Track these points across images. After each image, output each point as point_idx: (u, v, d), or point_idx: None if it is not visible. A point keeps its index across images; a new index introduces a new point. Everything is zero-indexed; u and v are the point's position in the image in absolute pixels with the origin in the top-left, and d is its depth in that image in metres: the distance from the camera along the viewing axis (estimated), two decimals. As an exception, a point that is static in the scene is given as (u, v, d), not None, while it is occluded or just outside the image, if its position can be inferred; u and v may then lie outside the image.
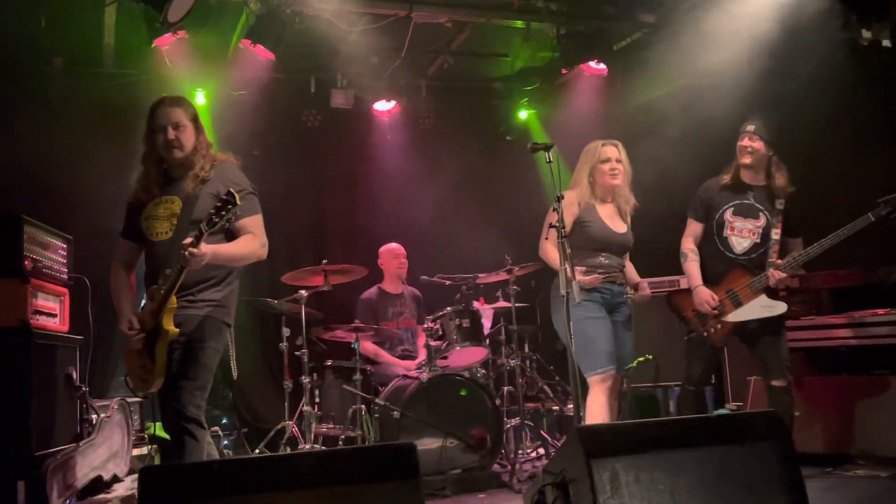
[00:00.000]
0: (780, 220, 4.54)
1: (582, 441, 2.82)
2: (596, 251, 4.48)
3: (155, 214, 3.64)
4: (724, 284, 4.60)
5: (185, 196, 3.61)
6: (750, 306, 4.53)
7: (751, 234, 4.60)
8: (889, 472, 4.65)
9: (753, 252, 4.59)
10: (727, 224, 4.64)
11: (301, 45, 6.31)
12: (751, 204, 4.62)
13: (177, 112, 3.66)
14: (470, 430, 5.29)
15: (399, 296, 6.49)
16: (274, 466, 2.73)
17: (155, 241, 3.62)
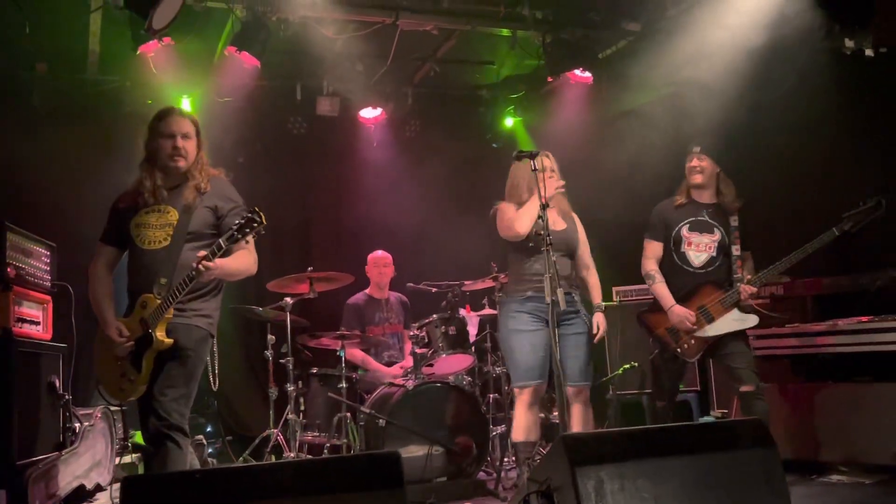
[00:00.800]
0: (738, 237, 4.67)
1: (567, 449, 2.82)
2: (532, 257, 4.48)
3: (147, 222, 3.65)
4: (694, 301, 4.68)
5: (182, 207, 3.63)
6: (722, 321, 4.63)
7: (707, 249, 4.72)
8: (873, 479, 4.67)
9: (710, 265, 4.72)
10: (684, 240, 4.76)
11: (287, 52, 6.30)
12: (705, 220, 4.75)
13: (186, 122, 3.72)
14: (455, 437, 5.29)
15: (385, 301, 6.49)
16: (258, 476, 2.72)
17: (146, 248, 3.63)
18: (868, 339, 4.84)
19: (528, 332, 4.42)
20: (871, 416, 4.77)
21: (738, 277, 4.62)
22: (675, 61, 5.89)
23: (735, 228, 4.68)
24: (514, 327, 4.45)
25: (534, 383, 4.42)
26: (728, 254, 4.69)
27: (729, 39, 5.53)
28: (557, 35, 6.32)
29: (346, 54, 6.34)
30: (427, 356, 5.47)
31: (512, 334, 4.45)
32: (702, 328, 4.64)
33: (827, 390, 5.10)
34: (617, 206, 6.43)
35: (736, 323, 4.61)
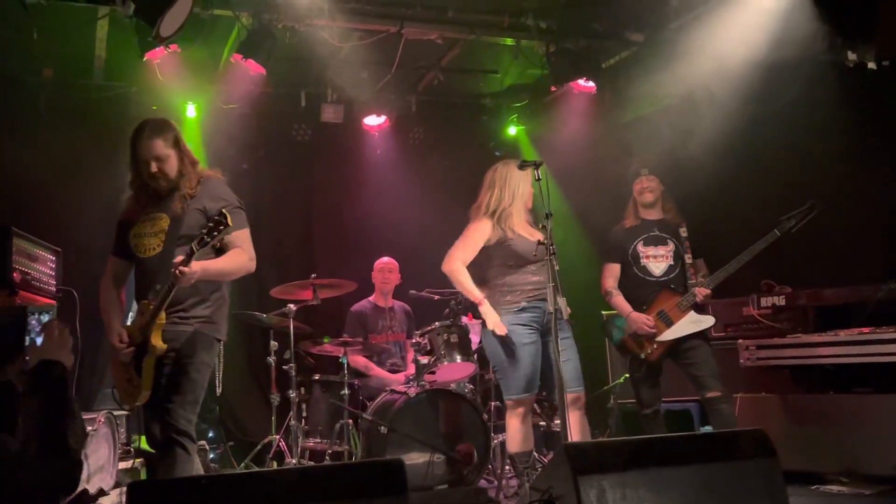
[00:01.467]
0: (689, 245, 4.98)
1: (569, 458, 2.83)
2: (521, 268, 4.52)
3: (143, 232, 3.72)
4: (653, 307, 4.95)
5: (172, 213, 3.68)
6: (680, 324, 4.87)
7: (665, 259, 5.03)
8: (872, 490, 4.67)
9: (671, 273, 5.01)
10: (641, 255, 5.05)
11: (292, 59, 6.33)
12: (657, 234, 5.06)
13: (157, 145, 3.68)
14: (457, 445, 5.29)
15: (389, 309, 6.50)
16: (261, 482, 2.73)
17: (143, 257, 3.70)
18: (869, 349, 4.85)
19: (525, 344, 4.44)
20: (871, 428, 4.78)
21: (693, 283, 4.90)
22: (677, 72, 5.91)
23: (685, 238, 4.98)
24: (510, 341, 4.45)
25: (529, 395, 4.47)
26: (682, 261, 4.98)
27: (732, 51, 5.55)
28: (561, 45, 6.35)
29: (351, 62, 6.37)
30: (429, 364, 5.48)
31: (508, 348, 4.46)
32: (662, 332, 4.89)
33: (828, 401, 5.11)
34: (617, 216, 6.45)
35: (693, 325, 4.85)
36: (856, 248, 5.57)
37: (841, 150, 5.53)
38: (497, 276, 4.62)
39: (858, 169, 5.54)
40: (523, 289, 4.50)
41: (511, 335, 4.46)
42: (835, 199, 5.50)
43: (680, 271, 4.99)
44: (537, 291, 4.46)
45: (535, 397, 4.67)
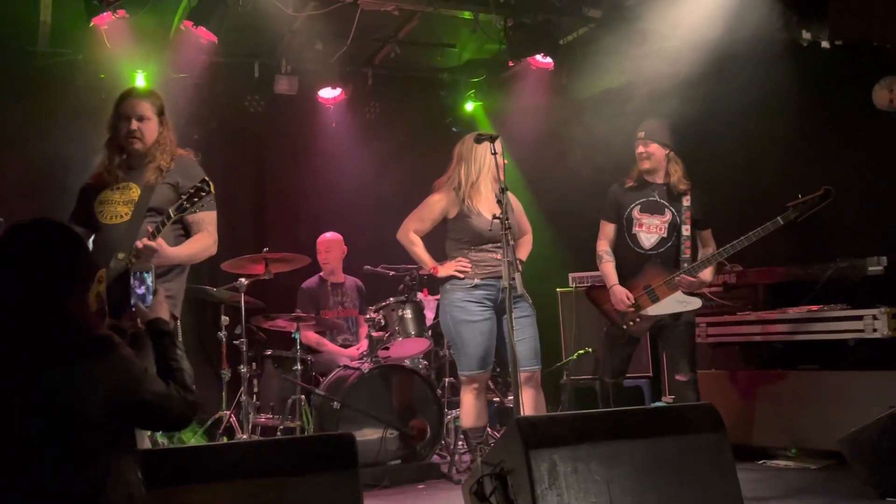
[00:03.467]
0: (689, 217, 4.69)
1: (521, 432, 2.83)
2: (478, 244, 4.49)
3: (110, 199, 3.66)
4: (641, 280, 4.71)
5: (143, 184, 3.64)
6: (666, 301, 4.65)
7: (658, 230, 4.73)
8: (819, 465, 4.78)
9: (661, 246, 4.72)
10: (635, 221, 4.76)
11: (245, 28, 6.19)
12: (655, 200, 4.76)
13: (143, 105, 3.71)
14: (410, 421, 5.29)
15: (339, 284, 6.45)
16: (211, 456, 2.70)
17: (106, 223, 3.62)
18: (816, 327, 4.95)
19: (475, 321, 4.43)
20: (817, 404, 4.87)
21: (686, 258, 4.67)
22: (634, 49, 5.91)
23: (686, 209, 4.70)
24: (461, 317, 4.44)
25: (483, 372, 4.47)
26: (679, 234, 4.71)
27: (688, 28, 5.56)
28: (519, 19, 6.30)
29: (306, 33, 6.25)
30: (383, 339, 5.45)
31: (460, 325, 4.45)
32: (646, 307, 4.69)
33: (776, 377, 5.20)
34: (575, 193, 6.46)
35: (679, 305, 4.65)
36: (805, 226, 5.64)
37: (793, 129, 5.59)
38: (453, 250, 4.59)
39: (810, 148, 5.60)
40: (478, 266, 4.48)
41: (463, 312, 4.44)
42: (785, 178, 5.57)
43: (673, 244, 4.71)
44: (492, 269, 4.44)
45: (490, 374, 4.66)
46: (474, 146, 4.48)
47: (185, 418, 2.32)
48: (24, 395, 2.04)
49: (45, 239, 2.24)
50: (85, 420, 2.06)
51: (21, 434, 2.04)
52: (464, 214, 4.50)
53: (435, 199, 4.61)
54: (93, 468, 2.07)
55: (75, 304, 2.20)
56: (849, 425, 4.08)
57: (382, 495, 4.75)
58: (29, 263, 2.18)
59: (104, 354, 2.12)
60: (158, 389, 2.21)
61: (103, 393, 2.08)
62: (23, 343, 2.10)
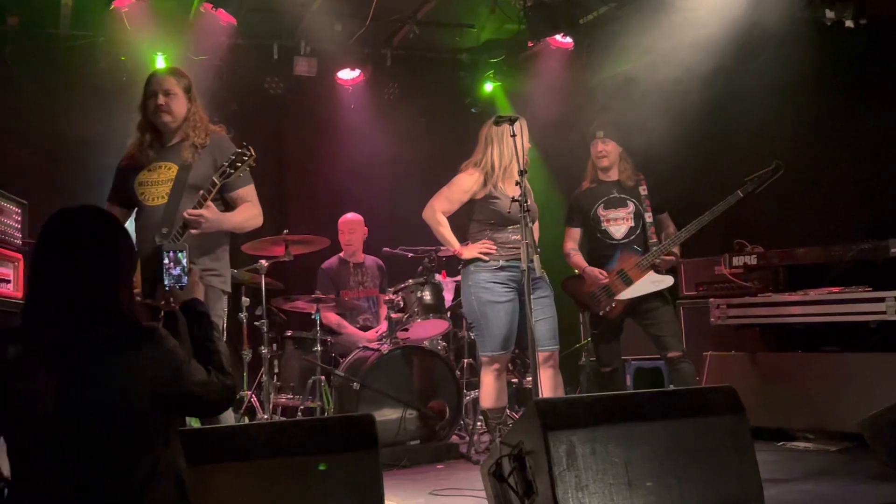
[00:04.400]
0: (649, 204, 4.95)
1: (539, 414, 2.84)
2: (503, 226, 4.52)
3: (150, 180, 3.73)
4: (615, 267, 4.92)
5: (181, 162, 3.72)
6: (639, 283, 4.86)
7: (625, 221, 4.98)
8: (838, 447, 4.76)
9: (631, 234, 4.98)
10: (602, 218, 5.00)
11: (264, 10, 6.20)
12: (616, 196, 5.01)
13: (169, 80, 3.77)
14: (429, 401, 5.32)
15: (360, 264, 6.47)
16: (233, 436, 2.73)
17: (149, 205, 3.70)
18: (837, 309, 4.90)
19: (502, 302, 4.46)
20: (837, 386, 4.84)
21: (654, 242, 4.90)
22: (655, 29, 5.86)
23: (645, 196, 4.95)
24: (488, 298, 4.47)
25: (505, 353, 4.50)
26: (643, 221, 4.95)
27: (710, 7, 5.50)
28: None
29: (324, 14, 6.25)
30: (402, 321, 5.47)
31: (486, 305, 4.47)
32: (620, 291, 4.87)
33: (796, 359, 5.17)
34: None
35: (652, 285, 4.84)
36: (828, 207, 5.60)
37: (816, 109, 5.52)
38: (478, 231, 4.61)
39: (833, 127, 5.55)
40: (502, 247, 4.49)
41: (487, 293, 4.46)
42: (808, 158, 5.52)
43: (640, 231, 4.96)
44: (516, 250, 4.43)
45: (510, 355, 4.68)
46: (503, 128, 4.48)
47: (225, 404, 2.33)
48: (70, 383, 2.04)
49: (96, 225, 2.24)
50: (129, 410, 2.06)
51: (65, 425, 2.03)
52: (492, 196, 4.52)
53: (463, 179, 4.61)
54: (140, 460, 2.07)
55: (124, 292, 2.21)
56: (870, 407, 4.05)
57: (401, 475, 4.78)
58: (82, 250, 2.17)
59: (149, 344, 2.12)
60: (200, 378, 2.21)
61: (147, 383, 2.08)
62: (70, 331, 2.10)
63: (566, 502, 2.74)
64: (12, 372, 2.07)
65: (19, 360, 2.08)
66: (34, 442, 2.06)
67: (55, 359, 2.06)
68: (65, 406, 2.03)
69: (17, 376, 2.07)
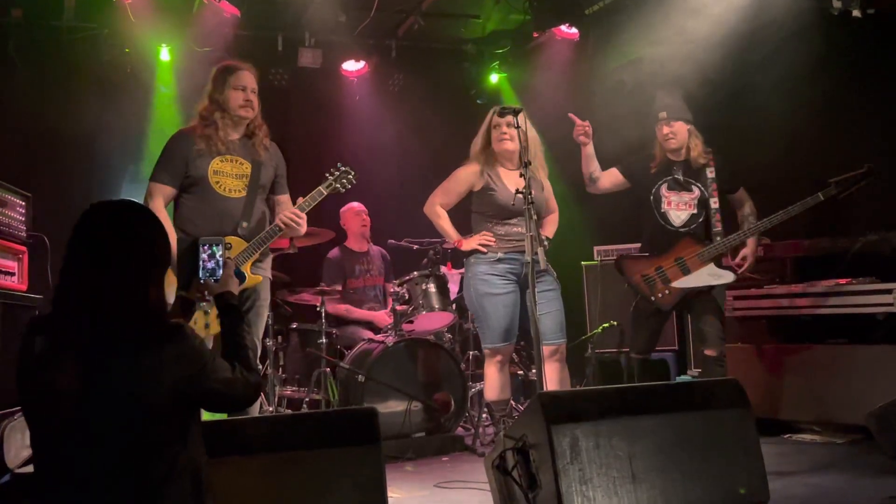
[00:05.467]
0: (715, 189, 4.66)
1: (543, 407, 2.84)
2: (502, 218, 4.48)
3: (223, 171, 3.90)
4: (672, 252, 4.68)
5: (253, 160, 3.97)
6: (697, 274, 4.62)
7: (687, 207, 4.72)
8: (844, 439, 4.74)
9: (693, 223, 4.71)
10: (664, 199, 4.75)
11: (268, 1, 6.18)
12: (681, 179, 4.74)
13: (252, 78, 4.01)
14: (434, 394, 5.31)
15: (365, 253, 6.47)
16: (236, 430, 2.72)
17: (224, 195, 3.88)
18: (844, 301, 4.87)
19: (500, 294, 4.43)
20: (844, 378, 4.82)
21: (719, 231, 4.63)
22: (661, 19, 5.82)
23: (712, 181, 4.67)
24: (486, 290, 4.45)
25: (506, 345, 4.47)
26: (707, 208, 4.69)
27: (715, -2, 5.47)
28: (544, -11, 6.23)
29: (329, 5, 6.23)
30: (407, 313, 5.47)
31: (484, 297, 4.46)
32: (678, 279, 4.65)
33: (803, 351, 5.14)
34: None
35: (711, 278, 4.61)
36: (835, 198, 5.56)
37: (823, 100, 5.48)
38: (477, 224, 4.59)
39: (839, 119, 5.51)
40: (501, 239, 4.47)
41: (485, 285, 4.45)
42: (814, 149, 5.48)
43: (704, 219, 4.69)
44: (516, 243, 4.42)
45: (514, 346, 4.66)
46: (490, 116, 4.51)
47: (248, 401, 2.35)
48: (94, 378, 2.05)
49: (133, 222, 2.23)
50: (151, 407, 2.06)
51: (88, 419, 2.04)
52: (488, 188, 4.49)
53: (460, 171, 4.62)
54: (159, 456, 2.08)
55: (154, 290, 2.21)
56: (877, 400, 4.04)
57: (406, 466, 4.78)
58: (114, 246, 2.17)
59: (173, 342, 2.12)
60: (224, 376, 2.21)
61: (171, 381, 2.08)
62: (96, 326, 2.10)
63: (570, 496, 2.73)
64: (39, 363, 2.09)
65: (46, 352, 2.09)
66: (57, 433, 2.07)
67: (80, 353, 2.07)
68: (88, 400, 2.04)
69: (44, 368, 2.08)
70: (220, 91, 3.92)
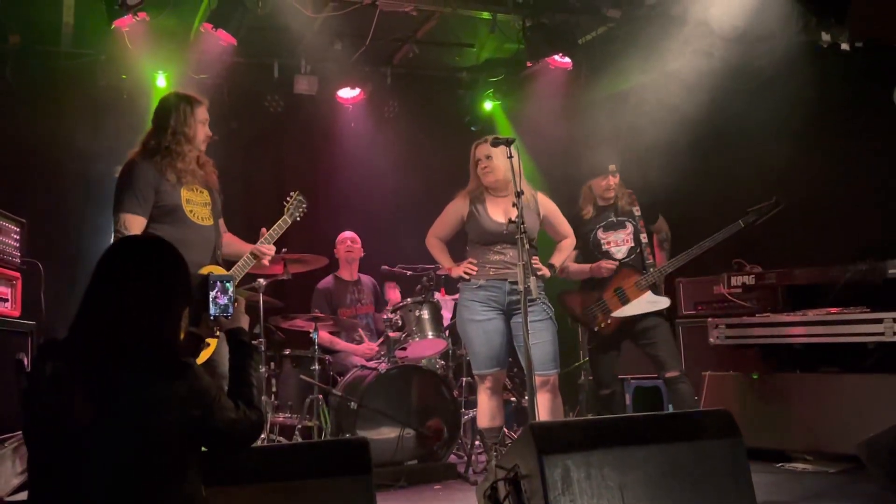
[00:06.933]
0: (643, 225, 5.02)
1: (534, 437, 2.84)
2: (486, 245, 4.52)
3: (193, 199, 3.93)
4: (612, 283, 4.95)
5: (210, 188, 4.03)
6: (636, 303, 4.88)
7: (625, 242, 5.05)
8: (836, 468, 4.74)
9: (632, 254, 5.03)
10: (602, 241, 5.08)
11: (265, 28, 6.23)
12: (614, 220, 5.08)
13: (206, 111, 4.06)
14: (427, 421, 5.30)
15: (356, 283, 6.48)
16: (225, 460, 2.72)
17: (197, 223, 3.92)
18: (836, 330, 4.89)
19: (479, 321, 4.45)
20: (836, 407, 4.83)
21: (651, 263, 4.94)
22: (653, 49, 5.89)
23: (639, 217, 5.02)
24: (468, 317, 4.50)
25: (492, 371, 4.47)
26: (640, 241, 5.00)
27: (706, 29, 5.53)
28: (537, 19, 6.29)
29: (325, 33, 6.29)
30: (400, 339, 5.47)
31: (467, 323, 4.51)
32: (616, 308, 4.90)
33: (794, 380, 5.16)
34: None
35: (648, 305, 4.86)
36: (826, 228, 5.61)
37: (813, 131, 5.54)
38: (467, 251, 4.64)
39: (829, 149, 5.56)
40: (484, 267, 4.49)
41: (467, 311, 4.50)
42: (805, 179, 5.52)
43: (639, 252, 5.00)
44: (497, 270, 4.46)
45: (504, 374, 4.67)
46: (472, 150, 4.60)
47: (249, 441, 2.38)
48: (100, 408, 2.07)
49: (155, 258, 2.29)
50: (155, 439, 2.08)
51: (89, 447, 2.05)
52: (472, 215, 4.57)
53: (450, 205, 4.71)
54: (158, 489, 2.09)
55: (169, 325, 2.25)
56: (868, 429, 4.03)
57: (399, 495, 4.77)
58: (136, 280, 2.22)
59: (183, 380, 2.14)
60: (228, 416, 2.25)
61: (177, 417, 2.11)
62: (109, 357, 2.12)
63: (561, 527, 2.73)
64: (48, 387, 2.11)
65: (57, 377, 2.12)
66: (58, 458, 2.08)
67: (91, 381, 2.09)
68: (93, 428, 2.06)
69: (53, 392, 2.10)
70: (187, 123, 3.92)
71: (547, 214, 4.68)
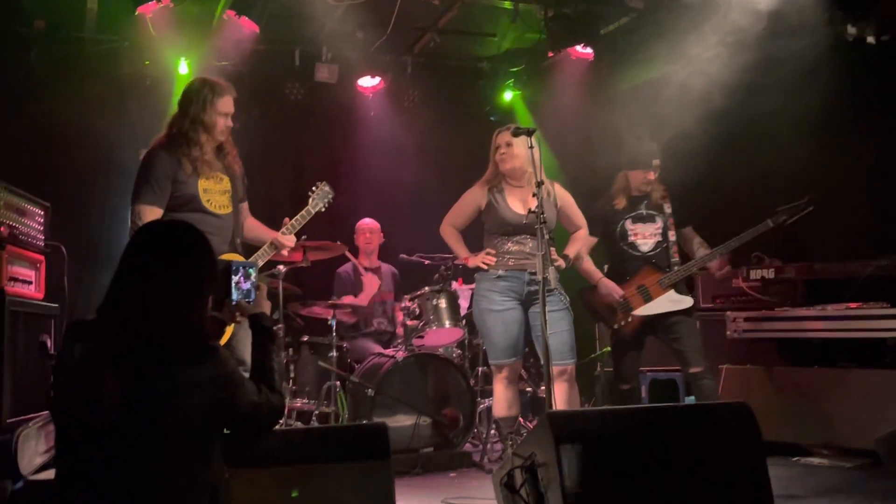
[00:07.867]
0: (672, 222, 4.93)
1: (552, 426, 2.85)
2: (505, 236, 4.51)
3: (211, 188, 3.93)
4: (634, 280, 4.88)
5: (231, 174, 4.03)
6: (658, 301, 4.82)
7: (653, 236, 4.95)
8: (853, 463, 4.73)
9: (658, 248, 4.93)
10: (629, 232, 4.96)
11: (286, 17, 6.25)
12: (644, 213, 4.98)
13: (232, 103, 3.99)
14: (443, 409, 5.33)
15: (376, 269, 6.50)
16: (246, 443, 2.75)
17: (215, 212, 3.92)
18: (854, 325, 4.87)
19: (498, 311, 4.45)
20: (854, 402, 4.82)
21: (676, 261, 4.87)
22: (676, 40, 5.86)
23: (669, 215, 4.92)
24: (485, 307, 4.49)
25: (509, 361, 4.48)
26: (668, 238, 4.91)
27: (731, 20, 5.50)
28: (559, 9, 6.27)
29: (346, 21, 6.30)
30: (418, 328, 5.50)
31: (484, 313, 4.50)
32: (638, 307, 4.83)
33: (812, 374, 5.14)
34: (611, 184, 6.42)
35: (671, 304, 4.80)
36: (848, 222, 5.57)
37: (837, 125, 5.50)
38: (485, 241, 4.63)
39: (853, 143, 5.52)
40: (503, 257, 4.50)
41: (485, 301, 4.49)
42: (828, 173, 5.49)
43: (665, 248, 4.93)
44: (516, 261, 4.46)
45: (520, 364, 4.68)
46: (493, 138, 4.57)
47: (271, 425, 2.42)
48: (128, 391, 2.09)
49: (184, 242, 2.31)
50: (181, 422, 2.11)
51: (116, 428, 2.08)
52: (490, 205, 4.55)
53: (467, 193, 4.70)
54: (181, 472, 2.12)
55: (197, 310, 2.27)
56: (886, 424, 4.00)
57: (414, 482, 4.80)
58: (166, 264, 2.24)
59: (209, 364, 2.17)
60: (252, 399, 2.28)
61: (203, 401, 2.13)
62: (140, 337, 2.15)
63: (577, 515, 2.74)
64: (77, 368, 2.15)
65: (86, 358, 2.15)
66: (85, 439, 2.11)
67: (119, 363, 2.12)
68: (121, 409, 2.08)
69: (81, 373, 2.13)
70: (206, 112, 3.89)
71: (563, 205, 4.67)
